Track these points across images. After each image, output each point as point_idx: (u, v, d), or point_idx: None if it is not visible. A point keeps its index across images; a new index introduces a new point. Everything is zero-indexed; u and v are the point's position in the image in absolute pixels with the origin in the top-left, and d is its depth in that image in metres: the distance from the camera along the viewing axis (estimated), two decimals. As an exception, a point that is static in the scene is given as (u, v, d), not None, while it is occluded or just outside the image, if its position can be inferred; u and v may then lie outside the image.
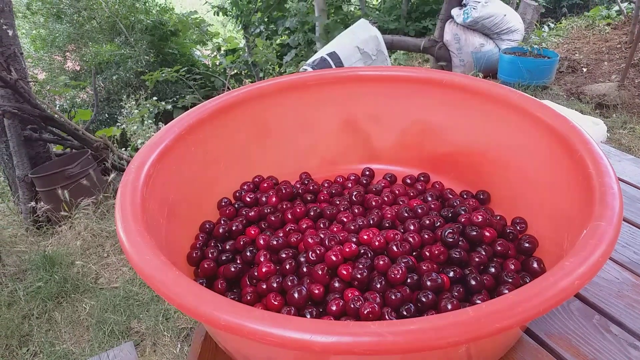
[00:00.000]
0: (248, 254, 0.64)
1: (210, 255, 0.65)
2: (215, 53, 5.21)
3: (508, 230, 0.67)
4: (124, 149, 3.21)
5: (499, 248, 0.63)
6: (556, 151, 0.63)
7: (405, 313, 0.52)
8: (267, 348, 0.45)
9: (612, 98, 2.95)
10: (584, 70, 3.50)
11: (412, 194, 0.77)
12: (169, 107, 3.57)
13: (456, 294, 0.55)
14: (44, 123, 2.50)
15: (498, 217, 0.69)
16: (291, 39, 4.44)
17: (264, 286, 0.59)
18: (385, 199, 0.74)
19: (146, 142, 0.68)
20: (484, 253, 0.61)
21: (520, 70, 3.16)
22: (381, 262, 0.57)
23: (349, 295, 0.54)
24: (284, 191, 0.73)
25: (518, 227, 0.68)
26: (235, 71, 4.56)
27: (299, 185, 0.79)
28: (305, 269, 0.60)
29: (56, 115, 2.56)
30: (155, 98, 3.73)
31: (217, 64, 5.17)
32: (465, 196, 0.76)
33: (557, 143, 0.63)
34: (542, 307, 0.39)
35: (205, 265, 0.64)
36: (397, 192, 0.76)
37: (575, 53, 3.80)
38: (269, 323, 0.39)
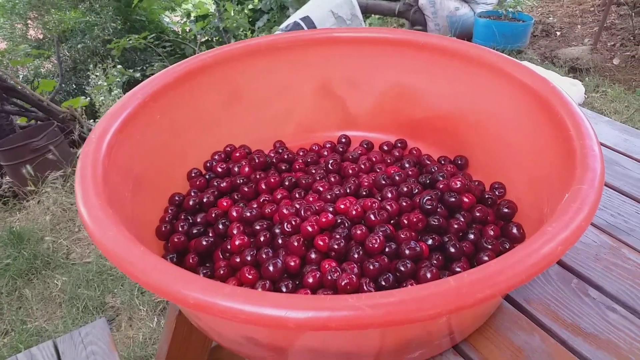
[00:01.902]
0: (220, 226, 0.61)
1: (180, 229, 0.63)
2: (184, 19, 5.02)
3: (487, 196, 0.65)
4: (92, 120, 3.09)
5: (477, 214, 0.61)
6: (536, 113, 0.62)
7: (383, 283, 0.50)
8: (240, 325, 0.43)
9: (584, 62, 2.96)
10: (558, 34, 3.50)
11: (389, 161, 0.75)
12: (138, 75, 3.44)
13: (435, 262, 0.54)
14: (5, 94, 2.38)
15: (476, 183, 0.68)
16: (263, 3, 4.30)
17: (238, 259, 0.57)
18: (362, 166, 0.71)
19: (108, 110, 0.63)
20: (462, 219, 0.60)
21: (495, 34, 3.13)
22: (358, 232, 0.55)
23: (326, 266, 0.52)
24: (257, 160, 0.70)
25: (497, 192, 0.67)
26: (206, 38, 4.41)
27: (272, 154, 0.76)
28: (280, 241, 0.57)
29: (18, 86, 2.44)
30: (120, 66, 3.58)
31: (187, 30, 4.99)
32: (443, 162, 0.75)
33: (536, 105, 0.62)
34: (525, 274, 0.38)
35: (175, 240, 0.61)
36: (374, 159, 0.74)
37: (550, 16, 3.80)
38: (240, 300, 0.37)
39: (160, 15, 5.19)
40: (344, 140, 0.81)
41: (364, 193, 0.65)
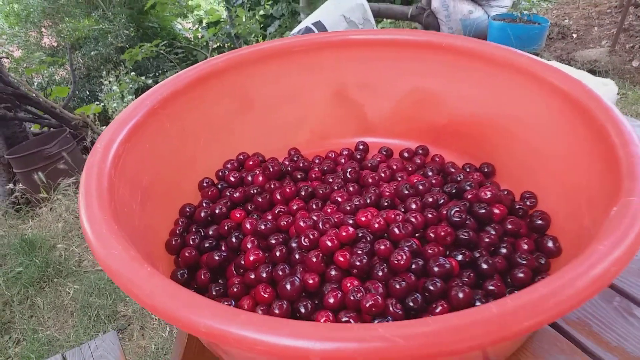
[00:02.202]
0: (233, 240, 0.58)
1: (191, 243, 0.59)
2: (196, 26, 5.03)
3: (517, 206, 0.61)
4: (105, 126, 3.09)
5: (509, 226, 0.57)
6: (571, 119, 0.58)
7: (411, 304, 0.46)
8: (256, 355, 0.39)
9: (603, 64, 2.89)
10: (574, 36, 3.43)
11: (410, 169, 0.71)
12: (150, 82, 3.45)
13: (466, 279, 0.50)
14: (18, 101, 2.38)
15: (505, 192, 0.64)
16: (274, 9, 4.29)
17: (252, 276, 0.53)
18: (382, 175, 0.67)
19: (114, 118, 0.60)
20: (493, 232, 0.56)
21: (510, 37, 3.07)
22: (382, 247, 0.51)
23: (348, 285, 0.49)
24: (271, 169, 0.66)
25: (528, 203, 0.63)
26: (218, 44, 4.41)
27: (287, 163, 0.72)
28: (297, 256, 0.54)
29: (31, 93, 2.44)
30: (133, 73, 3.59)
31: (199, 37, 5.00)
32: (468, 170, 0.70)
33: (571, 110, 0.57)
34: (576, 299, 0.34)
35: (187, 254, 0.57)
36: (394, 167, 0.70)
37: (565, 19, 3.73)
38: (258, 328, 0.33)
39: (173, 22, 5.21)
40: (361, 147, 0.77)
41: (386, 204, 0.61)
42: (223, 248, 0.59)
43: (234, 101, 0.74)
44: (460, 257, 0.52)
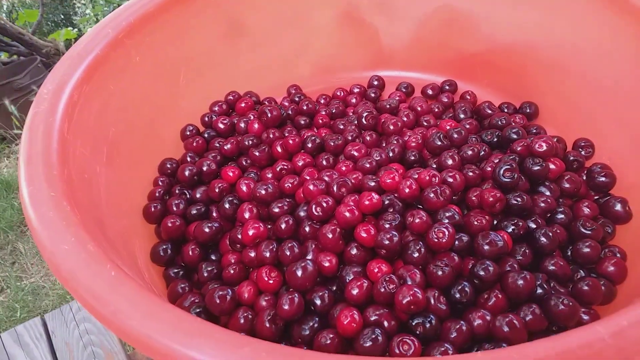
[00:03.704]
0: (227, 206, 0.47)
1: (175, 209, 0.48)
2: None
3: (571, 158, 0.50)
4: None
5: (566, 185, 0.46)
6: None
7: (458, 296, 0.36)
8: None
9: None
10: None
11: (437, 110, 0.59)
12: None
13: (521, 257, 0.40)
14: (-22, 27, 2.15)
15: (556, 140, 0.52)
16: None
17: (253, 254, 0.43)
18: (404, 119, 0.55)
19: (64, 53, 0.47)
20: (549, 194, 0.45)
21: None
22: (417, 220, 0.40)
23: (376, 271, 0.38)
24: (269, 114, 0.54)
25: (583, 152, 0.51)
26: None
27: (287, 104, 0.60)
28: (308, 229, 0.43)
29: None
30: (108, -8, 3.29)
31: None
32: (506, 110, 0.58)
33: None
34: None
35: (169, 224, 0.46)
36: (418, 108, 0.58)
37: None
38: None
39: None
40: (376, 82, 0.64)
41: (412, 158, 0.50)
42: (214, 215, 0.48)
43: (219, 26, 0.60)
44: (511, 229, 0.41)
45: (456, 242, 0.39)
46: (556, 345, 0.24)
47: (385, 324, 0.35)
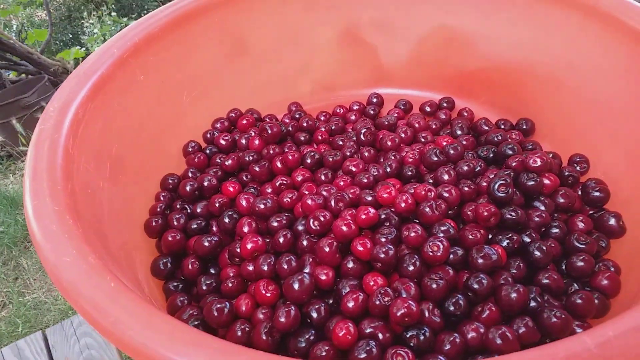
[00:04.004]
0: (227, 220, 0.48)
1: (175, 224, 0.49)
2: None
3: (566, 173, 0.50)
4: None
5: (561, 200, 0.47)
6: (643, 65, 0.46)
7: (453, 309, 0.37)
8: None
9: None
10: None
11: (434, 127, 0.60)
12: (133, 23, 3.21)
13: (515, 271, 0.40)
14: (-10, 46, 2.20)
15: (551, 155, 0.53)
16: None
17: (251, 267, 0.43)
18: (403, 135, 0.56)
19: (72, 72, 0.48)
20: (544, 208, 0.46)
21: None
22: (412, 234, 0.41)
23: (371, 284, 0.39)
24: (269, 131, 0.55)
25: (578, 168, 0.52)
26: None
27: (288, 121, 0.61)
28: (305, 243, 0.43)
29: (4, 37, 2.25)
30: (115, 14, 3.35)
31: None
32: (503, 126, 0.59)
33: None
34: None
35: (170, 238, 0.47)
36: (416, 125, 0.59)
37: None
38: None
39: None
40: (375, 100, 0.65)
41: (409, 173, 0.51)
42: (214, 229, 0.49)
43: (222, 45, 0.62)
44: (506, 243, 0.42)
45: (451, 256, 0.40)
46: (543, 355, 0.24)
47: (380, 336, 0.35)
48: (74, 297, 0.29)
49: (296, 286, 0.38)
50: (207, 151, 0.57)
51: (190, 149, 0.57)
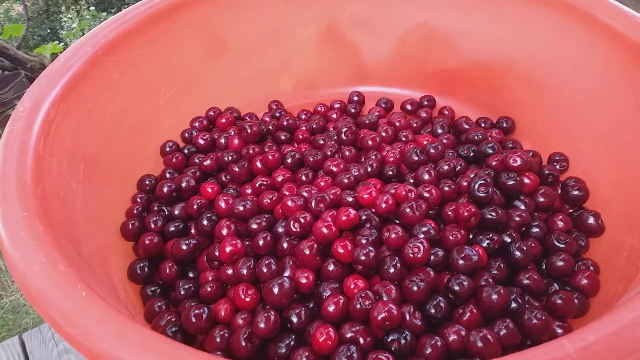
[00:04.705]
0: (205, 222, 0.47)
1: (152, 226, 0.48)
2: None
3: (546, 172, 0.51)
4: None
5: (541, 199, 0.47)
6: (622, 64, 0.46)
7: (433, 311, 0.37)
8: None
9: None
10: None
11: (415, 125, 0.59)
12: (113, 17, 3.15)
13: (496, 272, 0.40)
14: (-38, 41, 2.14)
15: (531, 154, 0.53)
16: None
17: (230, 271, 0.42)
18: (384, 134, 0.56)
19: (43, 70, 0.47)
20: (524, 208, 0.46)
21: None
22: (393, 235, 0.40)
23: (352, 287, 0.38)
24: (249, 130, 0.54)
25: (558, 166, 0.52)
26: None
27: (268, 120, 0.60)
28: (285, 245, 0.43)
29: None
30: (93, 8, 3.29)
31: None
32: (483, 125, 0.59)
33: (624, 53, 0.46)
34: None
35: (147, 241, 0.46)
36: (397, 124, 0.58)
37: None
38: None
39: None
40: (356, 98, 0.65)
41: (390, 173, 0.50)
42: (193, 231, 0.48)
43: (201, 43, 0.60)
44: (486, 243, 0.42)
45: (432, 257, 0.40)
46: (523, 361, 0.24)
47: (361, 340, 0.35)
48: (42, 306, 0.28)
49: (276, 290, 0.38)
50: (186, 151, 0.56)
51: (168, 149, 0.56)
